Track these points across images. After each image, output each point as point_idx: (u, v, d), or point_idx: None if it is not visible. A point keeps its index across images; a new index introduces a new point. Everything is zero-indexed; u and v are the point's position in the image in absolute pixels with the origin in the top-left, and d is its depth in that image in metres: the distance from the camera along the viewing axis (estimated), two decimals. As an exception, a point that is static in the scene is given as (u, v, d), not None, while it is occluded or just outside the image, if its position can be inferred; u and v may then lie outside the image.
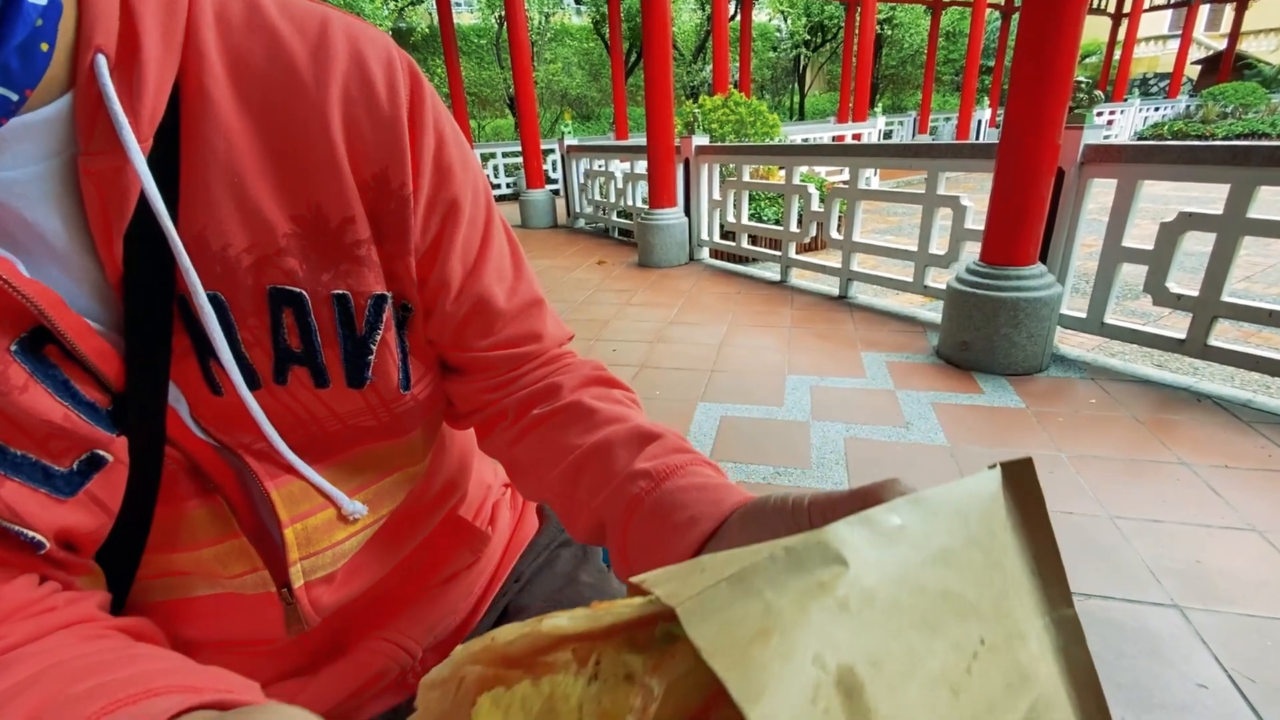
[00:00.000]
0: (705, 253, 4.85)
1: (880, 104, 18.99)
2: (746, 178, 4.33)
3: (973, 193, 2.90)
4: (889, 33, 17.60)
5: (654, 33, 4.22)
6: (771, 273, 4.22)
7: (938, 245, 3.09)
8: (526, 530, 0.64)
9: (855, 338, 2.98)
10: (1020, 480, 0.22)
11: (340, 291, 0.38)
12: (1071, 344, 2.72)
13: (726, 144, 4.64)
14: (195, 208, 0.34)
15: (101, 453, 0.34)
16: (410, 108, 0.39)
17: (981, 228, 2.54)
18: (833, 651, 0.16)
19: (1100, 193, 2.46)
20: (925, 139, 14.00)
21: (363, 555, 0.47)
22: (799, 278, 4.09)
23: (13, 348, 0.30)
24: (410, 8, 13.56)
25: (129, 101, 0.30)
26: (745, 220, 4.41)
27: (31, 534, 0.32)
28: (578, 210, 6.77)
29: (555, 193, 7.49)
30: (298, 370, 0.39)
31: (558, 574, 0.60)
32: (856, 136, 9.30)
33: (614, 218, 6.01)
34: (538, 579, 0.60)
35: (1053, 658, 0.21)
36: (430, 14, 13.36)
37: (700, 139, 4.63)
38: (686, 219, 4.70)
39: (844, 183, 3.49)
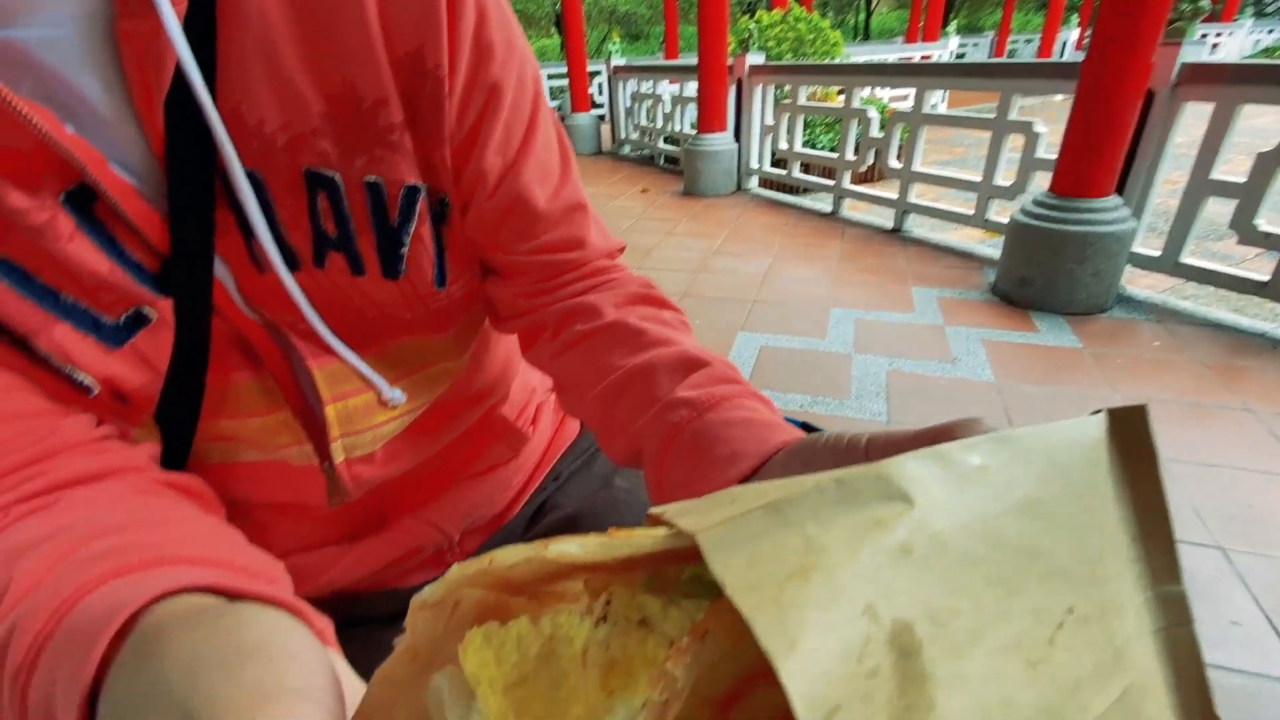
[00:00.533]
0: (754, 182, 4.68)
1: (954, 24, 17.48)
2: (803, 100, 4.11)
3: (1049, 123, 2.69)
4: (970, -59, 15.96)
5: (710, -61, 3.94)
6: (823, 204, 4.06)
7: (1004, 177, 2.90)
8: (568, 433, 0.66)
9: (906, 272, 2.88)
10: (1129, 431, 0.18)
11: (373, 179, 0.38)
12: (1140, 285, 2.57)
13: (782, 64, 4.38)
14: (232, 81, 0.33)
15: (147, 310, 0.35)
16: None
17: (1054, 157, 2.37)
18: (888, 602, 0.13)
19: (1191, 124, 2.25)
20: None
21: (402, 440, 0.48)
22: (851, 210, 3.93)
23: (60, 197, 0.32)
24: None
25: None
26: (799, 147, 4.22)
27: (82, 376, 0.33)
28: (623, 136, 6.58)
29: (601, 118, 7.28)
30: (334, 256, 0.39)
31: (594, 475, 0.61)
32: (925, 59, 8.65)
33: (660, 144, 5.83)
34: (574, 479, 0.62)
35: (1151, 640, 0.18)
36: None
37: (755, 57, 4.38)
38: (736, 145, 4.52)
39: (905, 107, 3.28)
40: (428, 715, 0.17)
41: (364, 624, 0.49)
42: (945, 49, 8.57)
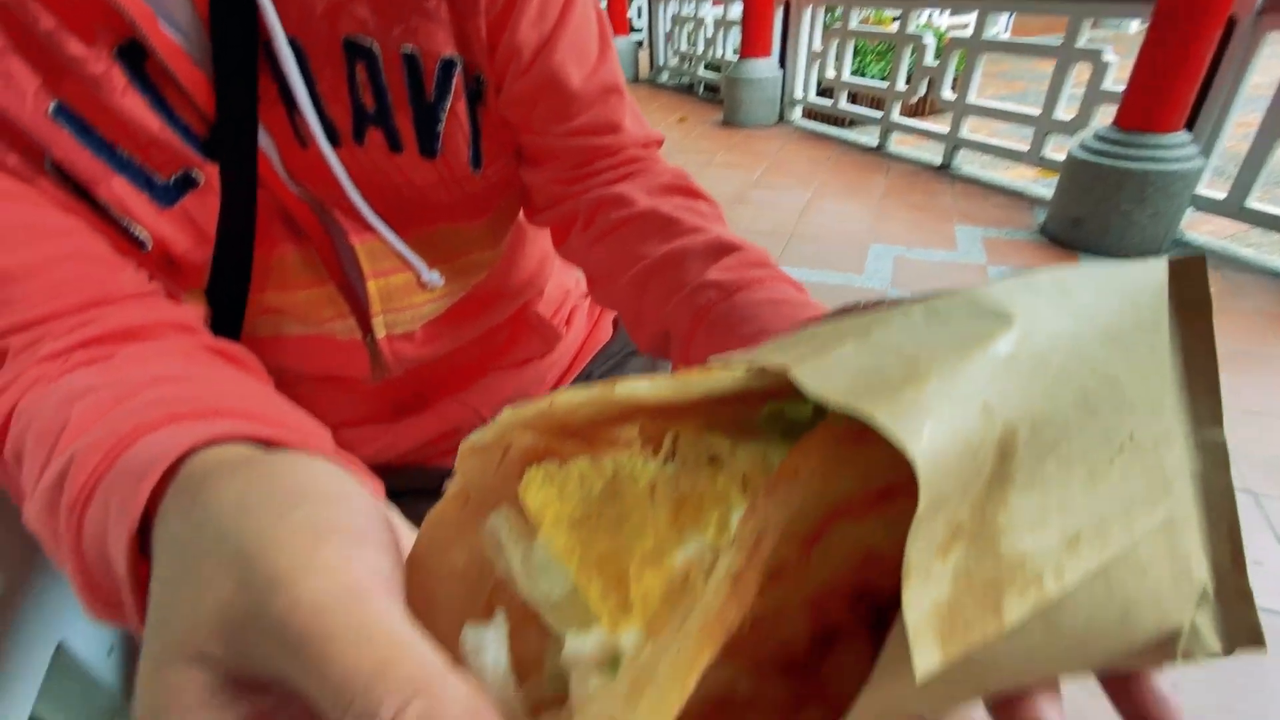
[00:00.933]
0: (798, 113, 4.49)
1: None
2: (854, 25, 3.88)
3: (1119, 56, 2.51)
4: None
5: None
6: (869, 138, 3.89)
7: (1065, 111, 2.74)
8: (600, 336, 0.68)
9: (952, 210, 2.78)
10: (1187, 280, 0.19)
11: (410, 50, 0.38)
12: (1201, 230, 2.44)
13: (835, -16, 4.11)
14: None
15: (195, 173, 0.37)
16: None
17: (1121, 89, 2.22)
18: (1002, 403, 0.13)
19: (1271, 64, 2.07)
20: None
21: (440, 322, 0.50)
22: (899, 144, 3.76)
23: (114, 51, 0.33)
24: None
25: None
26: (847, 76, 4.02)
27: (138, 230, 0.36)
28: (662, 63, 6.32)
29: (639, 44, 6.98)
30: (373, 132, 0.40)
31: (625, 377, 0.65)
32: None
33: (700, 71, 5.59)
34: (605, 379, 0.65)
35: (1189, 481, 0.19)
36: None
37: (805, -22, 4.12)
38: (780, 73, 4.32)
39: (966, 35, 3.08)
40: (484, 557, 0.17)
41: (404, 495, 0.54)
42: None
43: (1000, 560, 0.13)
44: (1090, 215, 2.25)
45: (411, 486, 0.54)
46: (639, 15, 7.82)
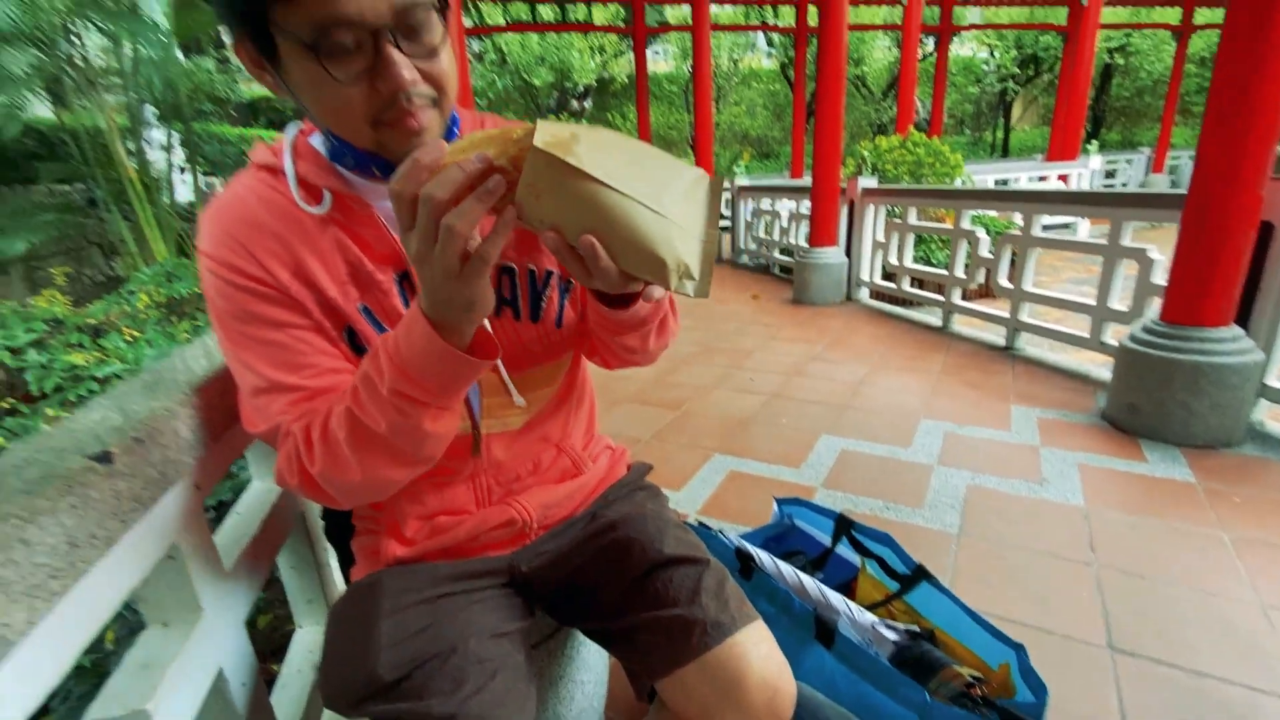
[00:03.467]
0: (864, 293, 4.80)
1: (1106, 138, 16.79)
2: (914, 220, 4.26)
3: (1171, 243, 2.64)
4: (1121, 61, 15.60)
5: (828, 80, 4.38)
6: (933, 317, 4.08)
7: (1120, 300, 2.83)
8: (617, 473, 0.90)
9: (1010, 390, 2.83)
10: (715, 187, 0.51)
11: (531, 266, 0.71)
12: (1286, 421, 2.35)
13: (893, 187, 4.59)
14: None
15: None
16: None
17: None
18: (585, 134, 0.45)
19: None
20: (1161, 179, 12.16)
21: (517, 434, 0.77)
22: (962, 324, 3.91)
23: (395, 275, 0.65)
24: (613, 59, 15.00)
25: None
26: (909, 263, 4.33)
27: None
28: (742, 246, 7.00)
29: (725, 229, 7.82)
30: (505, 309, 0.71)
31: (634, 501, 0.85)
32: (1063, 178, 8.44)
33: (775, 254, 6.15)
34: (619, 502, 0.85)
35: (700, 206, 0.49)
36: (630, 64, 14.64)
37: (868, 181, 4.64)
38: (846, 259, 4.72)
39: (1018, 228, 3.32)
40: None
41: (465, 579, 0.75)
42: (1085, 167, 8.33)
43: (573, 147, 0.44)
44: (1147, 403, 2.25)
45: (471, 571, 0.76)
46: (725, 206, 8.82)
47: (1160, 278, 2.58)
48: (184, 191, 6.44)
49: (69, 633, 0.47)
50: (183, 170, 6.18)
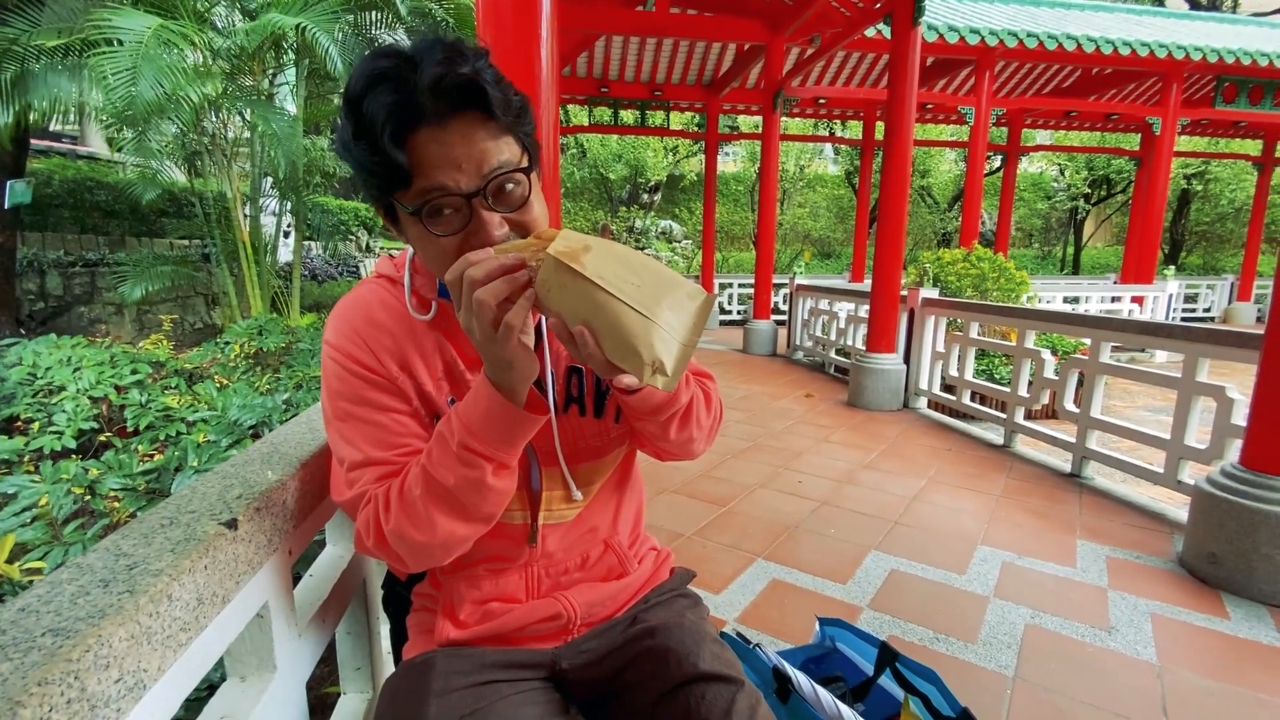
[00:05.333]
0: (923, 402, 4.72)
1: (1185, 262, 16.31)
2: (975, 334, 4.23)
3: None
4: (1199, 188, 15.38)
5: (891, 193, 4.53)
6: (994, 434, 3.96)
7: (1197, 437, 2.70)
8: (660, 576, 0.94)
9: (1076, 522, 2.69)
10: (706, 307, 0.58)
11: None
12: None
13: (954, 299, 4.60)
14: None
15: None
16: None
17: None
18: (597, 249, 0.56)
19: None
20: (1247, 308, 11.64)
21: (569, 526, 0.83)
22: (1025, 445, 3.78)
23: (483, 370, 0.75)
24: (685, 159, 15.92)
25: None
26: (970, 376, 4.26)
27: None
28: (798, 342, 7.05)
29: (780, 323, 7.91)
30: (573, 406, 0.78)
31: (673, 609, 0.88)
32: (1138, 300, 8.22)
33: (832, 354, 6.16)
34: (659, 606, 0.88)
35: (686, 313, 0.57)
36: (699, 164, 15.48)
37: (929, 291, 4.67)
38: (905, 366, 4.68)
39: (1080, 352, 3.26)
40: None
41: (511, 669, 0.79)
42: (1162, 291, 8.10)
43: (581, 256, 0.55)
44: (1229, 554, 2.10)
45: (515, 661, 0.81)
46: (784, 301, 8.96)
47: (1240, 418, 2.46)
48: (285, 253, 7.09)
49: (186, 679, 0.53)
50: (286, 234, 6.83)
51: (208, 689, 0.93)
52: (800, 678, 1.12)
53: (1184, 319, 11.02)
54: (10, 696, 0.37)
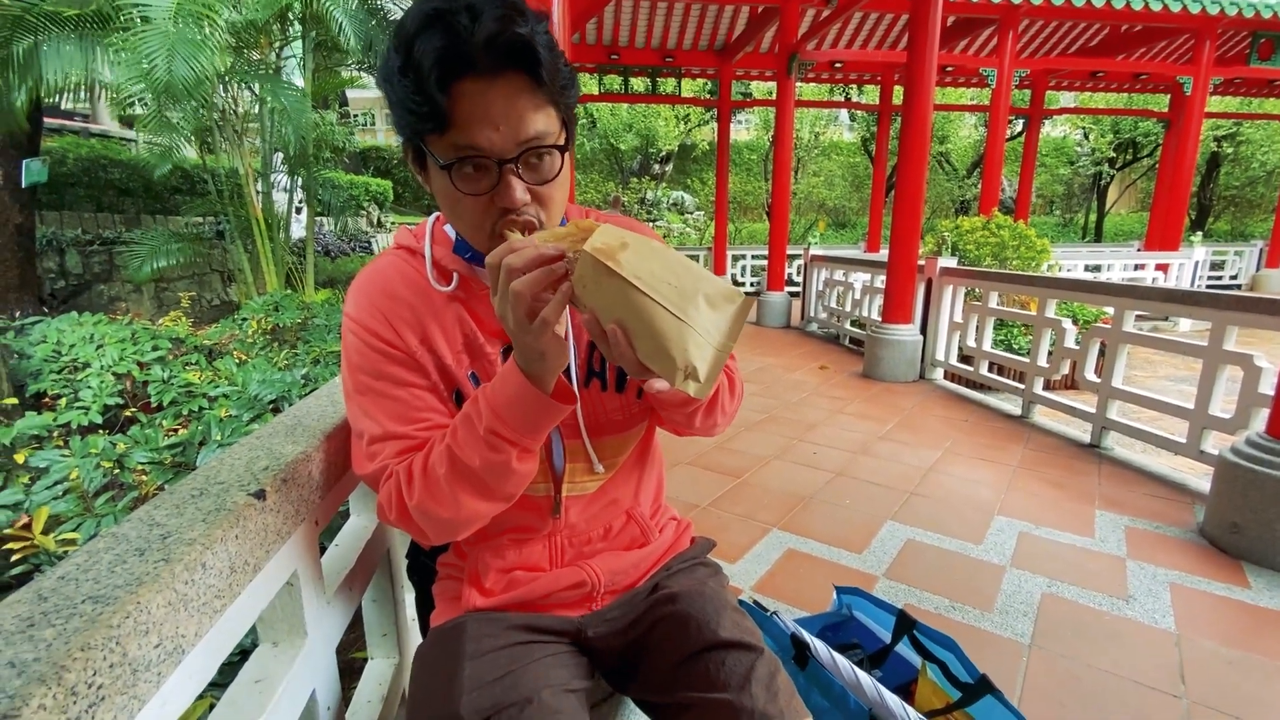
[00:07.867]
0: (939, 373, 4.68)
1: (1212, 228, 15.87)
2: (994, 304, 4.17)
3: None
4: (1229, 150, 14.88)
5: (910, 159, 4.42)
6: (1012, 405, 3.92)
7: (1222, 406, 2.66)
8: (682, 544, 0.95)
9: (1095, 493, 2.67)
10: (743, 309, 0.56)
11: None
12: None
13: (973, 269, 4.52)
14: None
15: None
16: None
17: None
18: (634, 244, 0.54)
19: None
20: (1276, 274, 11.33)
21: (591, 497, 0.83)
22: (1044, 416, 3.74)
23: (501, 348, 0.73)
24: (697, 128, 15.64)
25: None
26: (987, 347, 4.20)
27: None
28: (812, 314, 6.99)
29: (794, 294, 7.84)
30: (594, 380, 0.78)
31: (695, 576, 0.89)
32: (1162, 268, 8.04)
33: (847, 325, 6.10)
34: (681, 574, 0.89)
35: (720, 318, 0.55)
36: (712, 132, 15.21)
37: (947, 260, 4.59)
38: (921, 337, 4.63)
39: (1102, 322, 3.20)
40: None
41: (538, 631, 0.81)
42: (1187, 258, 7.90)
43: (618, 254, 0.53)
44: (1253, 524, 2.08)
45: (542, 626, 0.82)
46: (798, 272, 8.85)
47: (1268, 387, 2.42)
48: (297, 229, 7.11)
49: (221, 645, 0.55)
50: (298, 210, 6.84)
51: (240, 654, 0.96)
52: (818, 645, 1.13)
53: (1209, 286, 10.76)
54: (55, 661, 0.38)
